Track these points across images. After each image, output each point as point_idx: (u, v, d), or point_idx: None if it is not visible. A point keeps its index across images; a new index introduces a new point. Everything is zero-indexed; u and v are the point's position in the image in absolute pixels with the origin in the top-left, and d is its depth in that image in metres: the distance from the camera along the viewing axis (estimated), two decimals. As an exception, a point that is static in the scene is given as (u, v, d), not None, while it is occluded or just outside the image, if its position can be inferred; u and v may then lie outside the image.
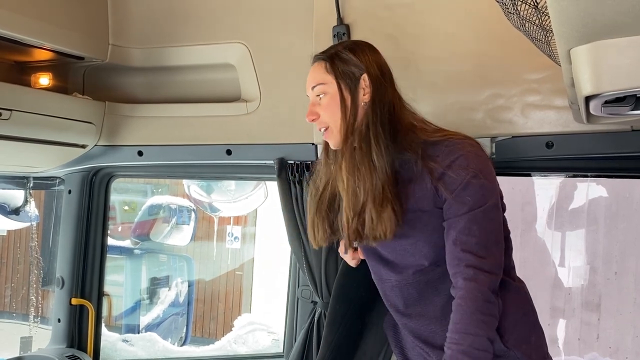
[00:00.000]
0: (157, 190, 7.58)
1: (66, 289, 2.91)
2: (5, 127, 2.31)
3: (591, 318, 4.94)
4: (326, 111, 1.70)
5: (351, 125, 1.66)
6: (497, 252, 1.57)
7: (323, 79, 1.71)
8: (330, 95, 1.69)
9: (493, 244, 1.57)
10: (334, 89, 1.69)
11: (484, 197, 1.57)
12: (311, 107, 1.73)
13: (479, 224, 1.55)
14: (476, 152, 1.62)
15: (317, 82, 1.72)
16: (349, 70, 1.69)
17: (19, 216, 3.53)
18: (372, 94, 1.67)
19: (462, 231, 1.55)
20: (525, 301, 1.74)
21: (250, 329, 3.89)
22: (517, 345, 1.63)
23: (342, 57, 1.71)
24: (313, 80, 1.74)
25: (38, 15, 2.32)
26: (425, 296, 1.67)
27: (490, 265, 1.54)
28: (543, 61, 1.98)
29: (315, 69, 1.75)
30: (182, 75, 2.71)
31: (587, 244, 4.94)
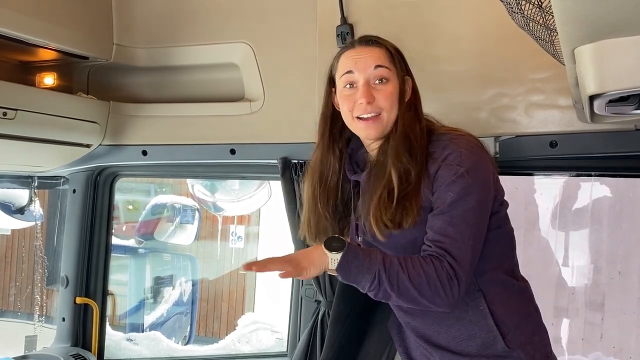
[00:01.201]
0: (161, 190, 7.59)
1: (71, 288, 2.92)
2: (10, 127, 2.32)
3: (595, 318, 4.93)
4: (387, 99, 1.63)
5: (400, 117, 1.65)
6: (469, 255, 1.53)
7: (388, 64, 1.65)
8: (393, 85, 1.65)
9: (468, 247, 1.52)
10: (396, 80, 1.66)
11: (466, 196, 1.53)
12: (368, 89, 1.63)
13: (456, 225, 1.52)
14: (470, 149, 1.59)
15: (382, 63, 1.65)
16: (401, 68, 1.69)
17: (23, 215, 3.53)
18: (413, 94, 1.71)
19: (438, 231, 1.53)
20: (528, 301, 1.74)
21: (254, 328, 3.90)
22: (520, 346, 1.63)
23: (398, 53, 1.71)
24: (377, 60, 1.65)
25: (42, 15, 2.33)
26: None
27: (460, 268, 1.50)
28: (547, 60, 1.98)
29: (374, 51, 1.67)
30: (186, 74, 2.71)
31: (591, 244, 4.93)
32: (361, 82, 1.64)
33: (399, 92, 1.65)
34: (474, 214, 1.54)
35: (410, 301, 1.52)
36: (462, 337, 1.64)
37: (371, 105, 1.63)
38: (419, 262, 1.50)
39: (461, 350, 1.65)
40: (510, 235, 1.72)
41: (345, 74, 1.66)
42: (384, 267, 1.48)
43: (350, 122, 1.68)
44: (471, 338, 1.64)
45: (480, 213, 1.57)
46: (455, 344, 1.66)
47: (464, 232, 1.52)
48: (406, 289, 1.48)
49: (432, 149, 1.61)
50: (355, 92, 1.64)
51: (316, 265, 1.51)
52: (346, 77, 1.66)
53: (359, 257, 1.50)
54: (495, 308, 1.63)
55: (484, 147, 1.66)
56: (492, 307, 1.62)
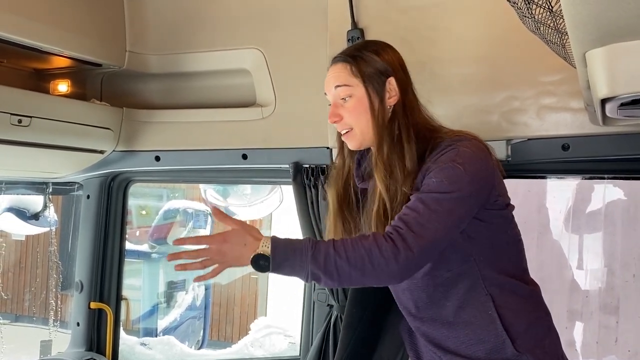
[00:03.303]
0: (174, 195, 7.61)
1: (85, 293, 2.94)
2: (25, 134, 2.34)
3: (609, 321, 4.88)
4: (352, 114, 1.66)
5: (381, 128, 1.63)
6: (431, 233, 1.47)
7: (348, 81, 1.66)
8: (357, 99, 1.65)
9: (432, 230, 1.47)
10: (360, 93, 1.65)
11: (451, 184, 1.50)
12: (334, 109, 1.68)
13: (427, 204, 1.48)
14: (470, 148, 1.56)
15: (342, 83, 1.67)
16: (375, 74, 1.66)
17: (38, 221, 3.57)
18: (400, 96, 1.66)
19: (409, 205, 1.51)
20: (537, 304, 1.72)
21: (266, 332, 3.91)
22: (529, 350, 1.61)
23: (366, 60, 1.67)
24: (336, 80, 1.68)
25: (56, 23, 2.36)
26: (435, 300, 1.66)
27: (417, 244, 1.45)
28: (558, 63, 1.98)
29: (338, 70, 1.69)
30: (198, 80, 2.73)
31: (604, 247, 4.89)
32: (331, 99, 1.71)
33: (367, 102, 1.65)
34: (452, 202, 1.50)
35: (357, 283, 1.52)
36: (471, 342, 1.63)
37: (340, 123, 1.69)
38: (360, 242, 1.46)
39: (470, 355, 1.64)
40: (517, 239, 1.71)
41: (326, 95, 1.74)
42: (316, 263, 1.44)
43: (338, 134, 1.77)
44: (480, 342, 1.62)
45: (462, 206, 1.52)
46: (464, 348, 1.65)
47: (433, 212, 1.48)
48: (348, 275, 1.45)
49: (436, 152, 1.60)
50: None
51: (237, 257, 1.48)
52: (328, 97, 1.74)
53: (287, 256, 1.46)
54: (504, 312, 1.61)
55: (487, 150, 1.63)
56: (500, 312, 1.61)
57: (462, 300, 1.62)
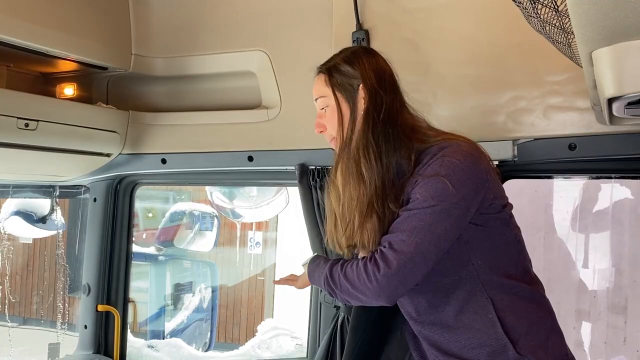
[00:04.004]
0: (180, 197, 7.64)
1: (92, 295, 2.94)
2: (32, 138, 2.35)
3: (618, 321, 4.86)
4: (329, 123, 1.72)
5: (348, 137, 1.65)
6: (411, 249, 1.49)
7: (323, 92, 1.72)
8: (331, 108, 1.71)
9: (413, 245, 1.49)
10: (333, 102, 1.70)
11: (431, 199, 1.50)
12: (318, 119, 1.76)
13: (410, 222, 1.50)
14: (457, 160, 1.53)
15: (319, 95, 1.75)
16: (347, 82, 1.68)
17: (45, 224, 3.58)
18: (367, 103, 1.65)
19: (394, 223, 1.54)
20: (540, 305, 1.70)
21: (273, 334, 3.91)
22: (532, 352, 1.60)
23: (339, 70, 1.70)
24: (315, 93, 1.76)
25: (62, 27, 2.37)
26: (435, 305, 1.66)
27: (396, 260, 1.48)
28: (564, 63, 1.97)
29: (317, 82, 1.76)
30: (204, 83, 2.73)
31: (612, 247, 4.87)
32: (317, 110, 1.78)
33: (337, 113, 1.69)
34: (435, 216, 1.50)
35: (352, 298, 1.61)
36: (472, 346, 1.62)
37: (325, 133, 1.76)
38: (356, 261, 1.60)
39: (472, 357, 1.63)
40: (516, 239, 1.69)
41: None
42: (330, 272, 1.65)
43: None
44: (481, 346, 1.61)
45: (447, 218, 1.51)
46: (466, 352, 1.64)
47: (414, 229, 1.49)
48: (345, 288, 1.59)
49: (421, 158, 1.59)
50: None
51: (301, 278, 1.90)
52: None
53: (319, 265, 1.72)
54: (504, 315, 1.60)
55: (478, 154, 1.60)
56: (500, 315, 1.60)
57: (462, 304, 1.61)
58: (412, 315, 1.73)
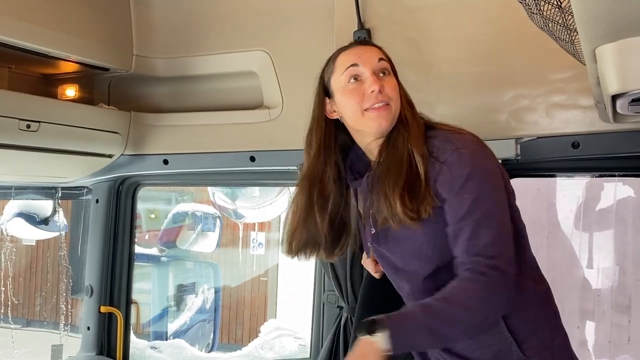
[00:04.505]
0: (182, 198, 7.63)
1: (95, 297, 2.94)
2: (33, 139, 2.35)
3: (622, 320, 4.85)
4: (393, 90, 1.62)
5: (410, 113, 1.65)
6: (504, 247, 1.48)
7: (386, 58, 1.66)
8: (392, 77, 1.65)
9: (501, 240, 1.48)
10: (392, 72, 1.66)
11: (482, 196, 1.49)
12: (377, 78, 1.61)
13: (483, 227, 1.48)
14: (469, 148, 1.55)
15: (381, 56, 1.65)
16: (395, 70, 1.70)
17: (48, 226, 3.58)
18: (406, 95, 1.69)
19: (469, 237, 1.48)
20: (545, 305, 1.68)
21: (276, 335, 3.90)
22: (537, 353, 1.58)
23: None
24: (379, 54, 1.65)
25: (64, 28, 2.37)
26: None
27: (503, 264, 1.46)
28: (567, 60, 1.95)
29: (373, 48, 1.68)
30: (205, 83, 2.73)
31: (616, 245, 4.86)
32: (368, 72, 1.61)
33: (399, 83, 1.66)
34: (495, 208, 1.51)
35: (473, 329, 1.51)
36: (476, 346, 1.60)
37: (382, 94, 1.58)
38: (462, 287, 1.47)
39: (477, 357, 1.61)
40: (521, 235, 1.66)
41: (350, 68, 1.63)
42: (431, 318, 1.46)
43: (360, 117, 1.62)
44: (486, 347, 1.59)
45: (501, 206, 1.53)
46: (470, 352, 1.62)
47: (493, 229, 1.48)
48: (465, 322, 1.48)
49: (429, 147, 1.57)
50: (360, 85, 1.61)
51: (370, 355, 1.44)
52: (351, 70, 1.62)
53: (405, 324, 1.47)
54: (509, 315, 1.56)
55: (485, 146, 1.61)
56: (505, 314, 1.56)
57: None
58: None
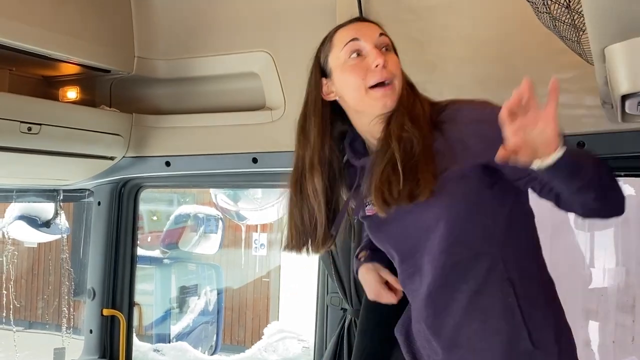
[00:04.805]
0: (184, 200, 7.62)
1: (97, 300, 2.94)
2: (35, 142, 2.34)
3: (626, 320, 4.83)
4: (396, 66, 1.57)
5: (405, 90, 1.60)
6: None
7: (386, 34, 1.61)
8: (394, 54, 1.60)
9: None
10: (392, 48, 1.61)
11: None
12: (380, 52, 1.54)
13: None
14: (480, 101, 1.59)
15: (382, 32, 1.59)
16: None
17: (49, 229, 3.57)
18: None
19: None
20: (554, 298, 1.64)
21: (280, 337, 3.89)
22: (545, 346, 1.53)
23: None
24: (378, 29, 1.59)
25: (64, 30, 2.36)
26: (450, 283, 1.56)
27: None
28: (572, 60, 1.94)
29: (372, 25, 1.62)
30: (207, 85, 2.72)
31: (620, 245, 4.84)
32: (369, 46, 1.55)
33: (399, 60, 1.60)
34: None
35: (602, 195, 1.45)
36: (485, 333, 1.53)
37: (386, 69, 1.52)
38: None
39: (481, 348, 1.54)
40: (532, 217, 1.63)
41: (350, 42, 1.56)
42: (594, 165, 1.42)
43: (363, 96, 1.55)
44: (496, 333, 1.52)
45: None
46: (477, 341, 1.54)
47: None
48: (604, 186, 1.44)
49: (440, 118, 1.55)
50: (362, 60, 1.55)
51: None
52: (351, 45, 1.56)
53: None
54: (522, 301, 1.52)
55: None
56: (520, 301, 1.51)
57: (480, 283, 1.52)
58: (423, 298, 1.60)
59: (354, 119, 1.64)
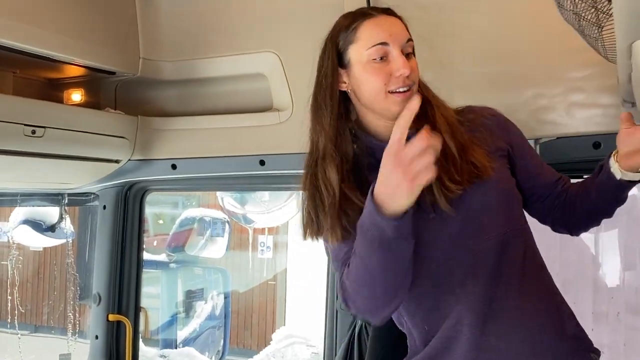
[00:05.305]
0: (189, 202, 7.60)
1: (103, 305, 2.91)
2: (39, 145, 2.32)
3: (636, 322, 4.78)
4: (416, 73, 1.53)
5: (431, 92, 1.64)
6: None
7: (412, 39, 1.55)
8: (414, 59, 1.55)
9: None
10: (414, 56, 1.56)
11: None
12: (406, 60, 1.49)
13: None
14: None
15: (409, 38, 1.53)
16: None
17: (54, 233, 3.55)
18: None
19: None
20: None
21: (289, 342, 3.84)
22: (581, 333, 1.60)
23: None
24: (406, 33, 1.53)
25: (69, 31, 2.34)
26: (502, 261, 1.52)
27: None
28: (586, 58, 1.90)
29: (401, 23, 1.56)
30: (213, 86, 2.69)
31: (630, 246, 4.79)
32: (396, 52, 1.48)
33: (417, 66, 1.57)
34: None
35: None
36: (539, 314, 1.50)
37: (409, 78, 1.48)
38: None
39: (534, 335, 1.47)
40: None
41: (380, 46, 1.49)
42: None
43: (382, 98, 1.50)
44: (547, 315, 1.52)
45: None
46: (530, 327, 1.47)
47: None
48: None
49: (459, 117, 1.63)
50: (387, 64, 1.49)
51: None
52: (380, 49, 1.49)
53: None
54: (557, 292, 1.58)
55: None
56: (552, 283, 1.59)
57: (525, 265, 1.52)
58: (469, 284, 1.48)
59: (364, 114, 1.60)
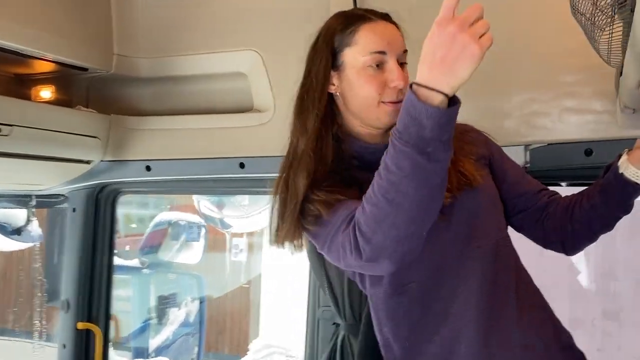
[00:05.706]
0: (161, 204, 7.49)
1: (72, 312, 2.84)
2: (5, 144, 2.29)
3: (612, 328, 4.84)
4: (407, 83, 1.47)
5: None
6: None
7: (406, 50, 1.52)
8: (406, 68, 1.51)
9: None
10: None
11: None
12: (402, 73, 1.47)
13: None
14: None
15: (404, 49, 1.50)
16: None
17: (21, 236, 3.48)
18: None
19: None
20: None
21: (267, 353, 3.76)
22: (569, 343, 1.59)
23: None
24: (402, 45, 1.51)
25: (39, 25, 2.31)
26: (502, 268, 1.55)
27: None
28: (580, 62, 1.88)
29: (397, 32, 1.53)
30: (191, 85, 2.66)
31: (606, 252, 4.84)
32: (393, 63, 1.46)
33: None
34: None
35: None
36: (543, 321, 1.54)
37: (402, 91, 1.46)
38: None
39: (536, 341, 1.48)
40: None
41: (378, 54, 1.47)
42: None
43: (374, 107, 1.47)
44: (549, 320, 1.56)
45: None
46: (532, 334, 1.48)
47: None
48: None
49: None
50: (380, 73, 1.47)
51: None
52: (378, 57, 1.46)
53: None
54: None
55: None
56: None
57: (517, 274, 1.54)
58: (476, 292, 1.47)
59: (349, 119, 1.56)
